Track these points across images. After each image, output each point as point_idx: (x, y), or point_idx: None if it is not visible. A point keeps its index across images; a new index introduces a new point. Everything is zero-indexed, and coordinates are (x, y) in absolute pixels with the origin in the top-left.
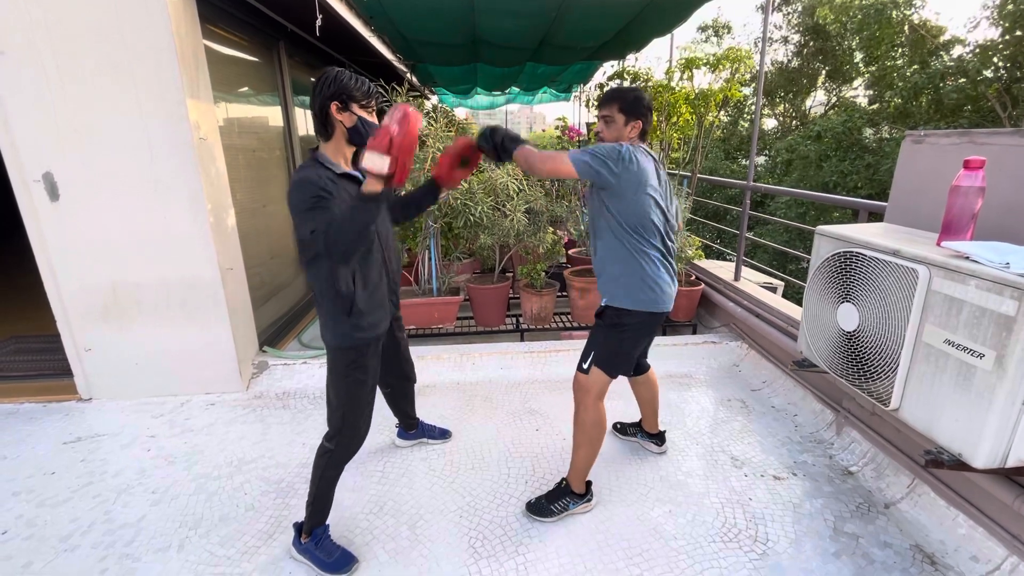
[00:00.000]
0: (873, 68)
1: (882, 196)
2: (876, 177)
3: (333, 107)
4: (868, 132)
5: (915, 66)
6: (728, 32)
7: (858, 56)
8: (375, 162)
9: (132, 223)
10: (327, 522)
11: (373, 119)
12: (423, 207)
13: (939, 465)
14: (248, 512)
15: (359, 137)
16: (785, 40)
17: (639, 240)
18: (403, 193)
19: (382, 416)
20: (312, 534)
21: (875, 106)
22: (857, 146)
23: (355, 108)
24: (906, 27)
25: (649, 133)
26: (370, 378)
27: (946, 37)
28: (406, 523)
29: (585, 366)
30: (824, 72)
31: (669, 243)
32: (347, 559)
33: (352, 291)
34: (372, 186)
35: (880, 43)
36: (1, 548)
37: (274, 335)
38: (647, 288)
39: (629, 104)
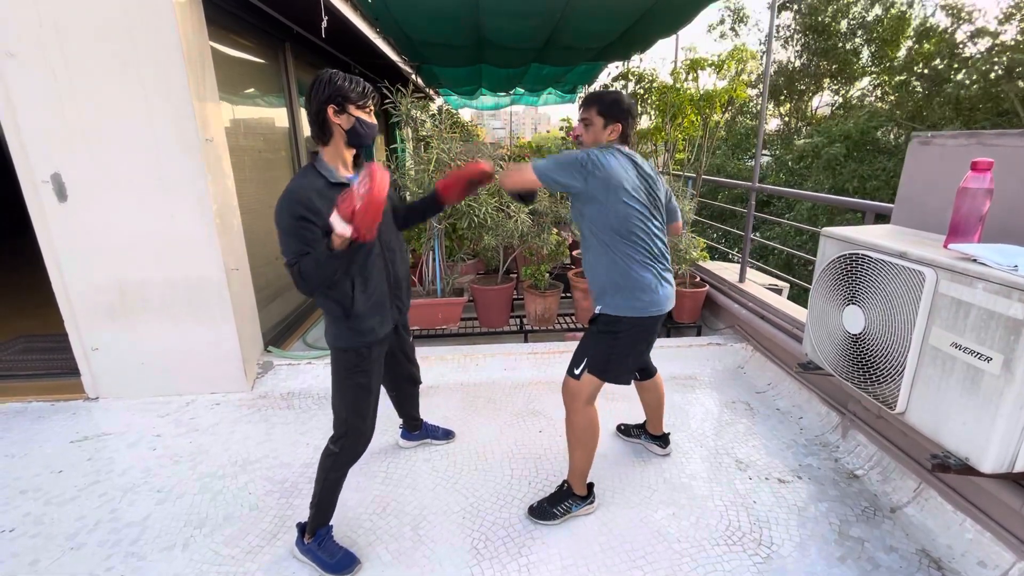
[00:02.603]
0: (879, 69)
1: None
2: (895, 181)
3: (330, 110)
4: (879, 132)
5: (935, 63)
6: (743, 24)
7: (864, 56)
8: (339, 226)
9: (139, 223)
10: (331, 523)
11: (371, 119)
12: (426, 216)
13: (946, 469)
14: (252, 512)
15: (358, 138)
16: (789, 40)
17: (623, 243)
18: (411, 201)
19: (386, 417)
20: (315, 534)
21: (885, 104)
22: (873, 148)
23: (352, 109)
24: (936, 10)
25: (632, 137)
26: (372, 382)
27: (978, 24)
28: (409, 524)
29: (577, 372)
30: (831, 72)
31: (660, 244)
32: (350, 560)
33: (350, 295)
34: (337, 244)
35: (900, 35)
36: (8, 545)
37: (279, 335)
38: (636, 293)
39: (607, 107)
